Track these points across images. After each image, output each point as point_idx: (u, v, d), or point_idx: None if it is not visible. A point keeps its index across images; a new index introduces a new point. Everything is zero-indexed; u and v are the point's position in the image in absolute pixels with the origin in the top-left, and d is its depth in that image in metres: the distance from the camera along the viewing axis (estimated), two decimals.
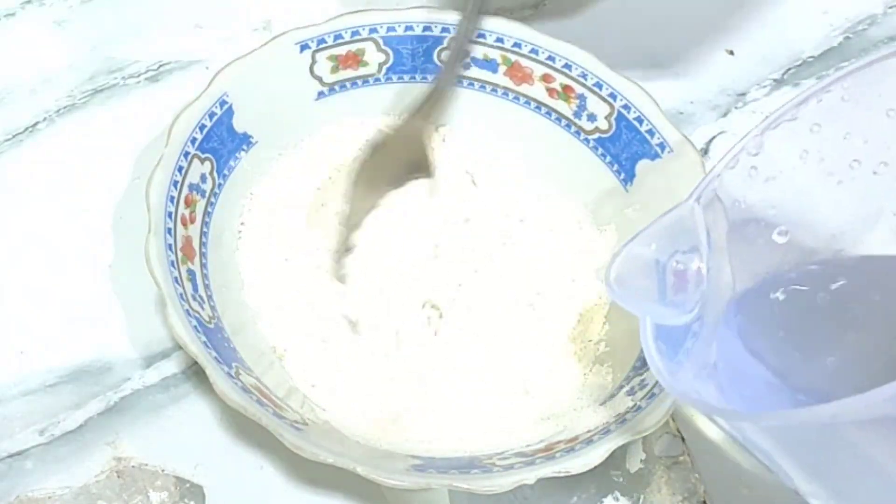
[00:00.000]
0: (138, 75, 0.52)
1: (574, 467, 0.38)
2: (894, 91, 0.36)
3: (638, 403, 0.40)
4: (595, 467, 0.38)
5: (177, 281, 0.40)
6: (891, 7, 0.58)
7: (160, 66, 0.52)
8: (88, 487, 0.40)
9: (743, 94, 0.55)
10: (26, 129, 0.49)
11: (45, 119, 0.50)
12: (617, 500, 0.42)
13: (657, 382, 0.40)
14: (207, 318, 0.41)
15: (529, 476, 0.37)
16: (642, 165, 0.46)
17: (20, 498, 0.40)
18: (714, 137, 0.53)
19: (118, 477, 0.41)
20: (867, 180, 0.37)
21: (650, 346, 0.35)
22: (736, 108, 0.54)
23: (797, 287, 0.38)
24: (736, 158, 0.37)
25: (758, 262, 0.38)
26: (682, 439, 0.44)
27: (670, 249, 0.36)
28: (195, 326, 0.39)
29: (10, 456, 0.41)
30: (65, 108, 0.50)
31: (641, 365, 0.42)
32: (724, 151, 0.38)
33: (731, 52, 0.56)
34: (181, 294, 0.40)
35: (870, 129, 0.37)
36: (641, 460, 0.43)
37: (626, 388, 0.41)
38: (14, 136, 0.49)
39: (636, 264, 0.36)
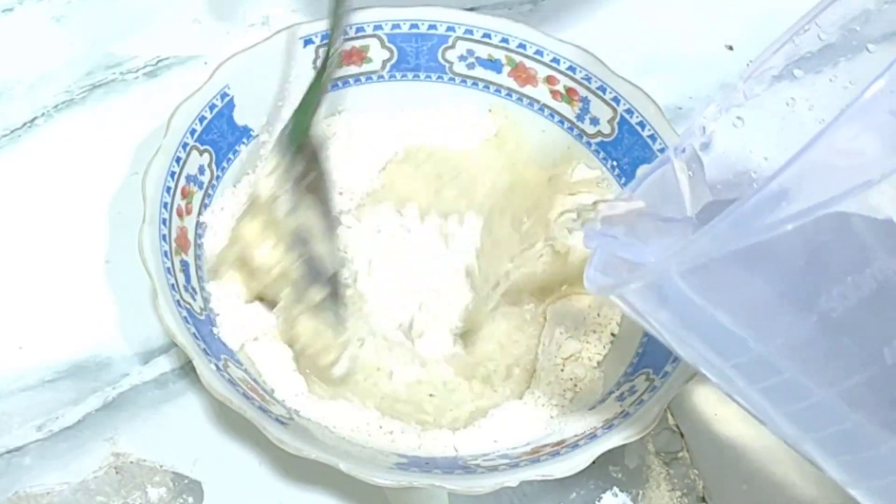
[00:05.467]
0: (136, 71, 0.51)
1: (557, 471, 0.37)
2: (870, 25, 0.34)
3: (626, 409, 0.40)
4: (594, 463, 0.38)
5: (169, 271, 0.40)
6: (886, 3, 0.58)
7: (158, 61, 0.52)
8: (87, 483, 0.40)
9: None
10: (24, 124, 0.49)
11: (43, 115, 0.50)
12: (616, 495, 0.42)
13: (647, 389, 0.40)
14: (198, 310, 0.40)
15: (512, 479, 0.37)
16: (643, 170, 0.46)
17: (18, 494, 0.40)
18: (713, 132, 0.53)
19: (116, 473, 0.40)
20: None
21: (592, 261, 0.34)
22: None
23: None
24: (719, 110, 0.36)
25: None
26: (682, 435, 0.44)
27: (651, 201, 0.35)
28: (185, 317, 0.39)
29: (9, 452, 0.41)
30: (63, 103, 0.50)
31: (633, 371, 0.42)
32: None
33: (731, 48, 0.56)
34: (172, 284, 0.40)
35: (853, 69, 0.34)
36: (640, 456, 0.43)
37: (616, 394, 0.41)
38: (12, 132, 0.49)
39: (615, 218, 0.35)
